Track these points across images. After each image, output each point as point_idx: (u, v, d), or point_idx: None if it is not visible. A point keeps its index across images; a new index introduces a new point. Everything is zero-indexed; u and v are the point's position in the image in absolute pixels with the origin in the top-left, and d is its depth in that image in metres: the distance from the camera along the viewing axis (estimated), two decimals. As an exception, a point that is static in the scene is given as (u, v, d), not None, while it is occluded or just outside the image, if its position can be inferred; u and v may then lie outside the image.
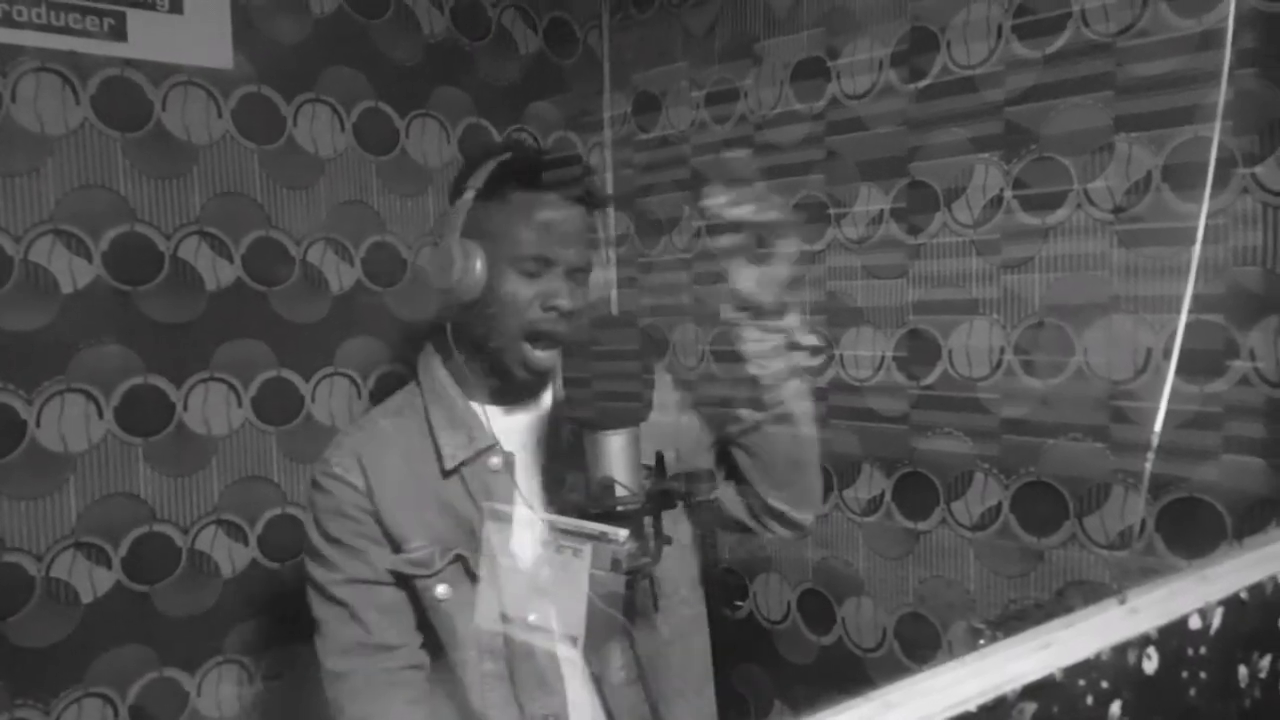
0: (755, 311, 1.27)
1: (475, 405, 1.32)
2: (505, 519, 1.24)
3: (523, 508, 1.26)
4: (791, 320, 1.28)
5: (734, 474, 1.40)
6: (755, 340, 1.28)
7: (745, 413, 1.34)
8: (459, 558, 1.27)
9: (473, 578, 1.26)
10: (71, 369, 1.68)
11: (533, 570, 1.24)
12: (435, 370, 1.35)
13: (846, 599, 1.99)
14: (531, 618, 1.23)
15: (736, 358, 1.30)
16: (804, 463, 1.39)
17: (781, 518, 1.40)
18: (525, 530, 1.24)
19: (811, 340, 1.29)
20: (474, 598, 1.26)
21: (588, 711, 1.31)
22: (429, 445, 1.30)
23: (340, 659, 1.27)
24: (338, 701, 1.27)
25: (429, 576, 1.27)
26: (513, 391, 1.33)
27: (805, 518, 1.42)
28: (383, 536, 1.28)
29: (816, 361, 1.32)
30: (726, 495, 1.41)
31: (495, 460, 1.29)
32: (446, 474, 1.29)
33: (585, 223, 1.29)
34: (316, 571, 1.30)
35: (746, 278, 1.26)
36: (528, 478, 1.31)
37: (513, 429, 1.33)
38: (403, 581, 1.28)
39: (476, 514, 1.28)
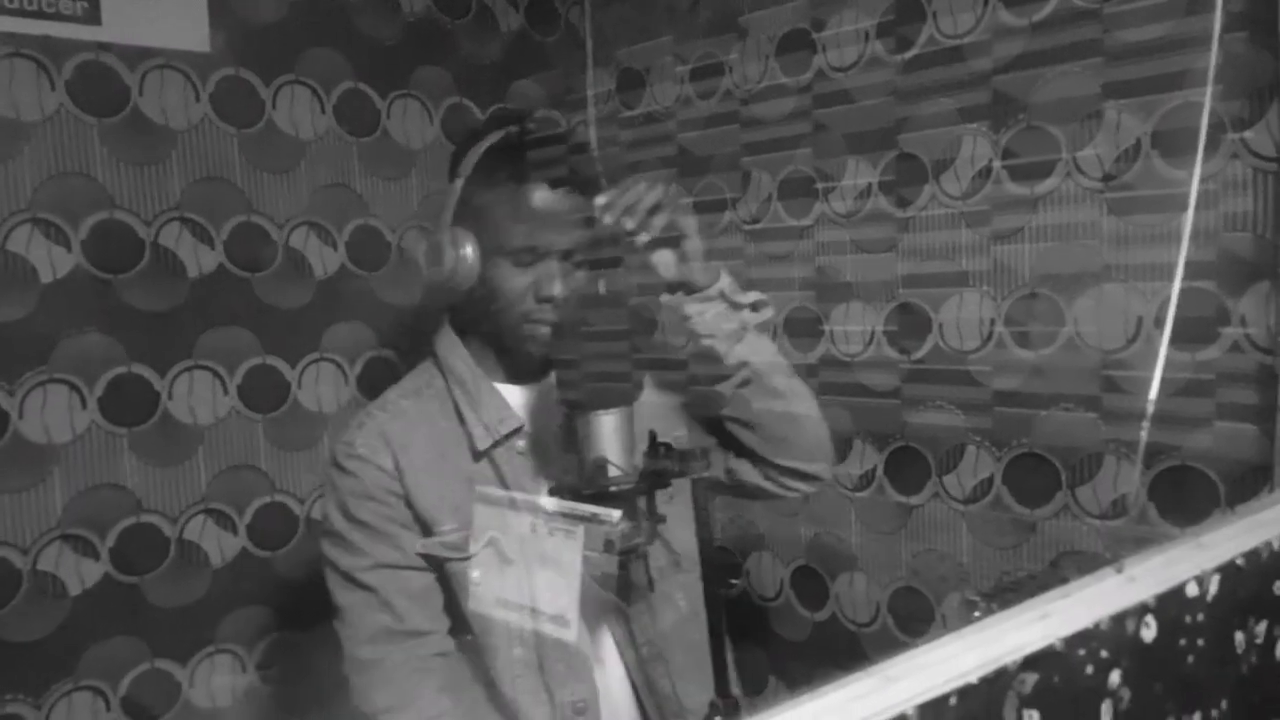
0: (687, 288, 1.27)
1: (496, 385, 1.32)
2: (531, 501, 1.24)
3: (544, 488, 1.26)
4: (724, 284, 1.28)
5: (739, 448, 1.39)
6: (697, 314, 1.27)
7: (721, 386, 1.33)
8: (492, 540, 1.25)
9: (505, 561, 1.25)
10: (53, 359, 1.67)
11: (537, 553, 1.23)
12: (455, 349, 1.33)
13: (839, 574, 1.99)
14: (538, 602, 1.22)
15: (691, 338, 1.30)
16: (795, 414, 1.37)
17: (796, 474, 1.38)
18: (540, 511, 1.24)
19: (751, 296, 1.29)
20: (506, 581, 1.24)
21: (618, 696, 1.31)
22: (456, 426, 1.29)
23: (368, 646, 1.25)
24: (365, 690, 1.25)
25: (464, 560, 1.24)
26: (522, 370, 1.33)
27: (819, 468, 1.40)
28: (412, 520, 1.26)
29: (765, 315, 1.31)
30: (741, 467, 1.39)
31: (521, 442, 1.29)
32: (476, 456, 1.28)
33: (577, 206, 1.27)
34: (340, 557, 1.27)
35: (666, 262, 1.26)
36: (545, 457, 1.30)
37: (525, 407, 1.32)
38: (432, 565, 1.26)
39: (505, 495, 1.27)
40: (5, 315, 1.62)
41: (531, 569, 1.21)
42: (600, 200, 1.19)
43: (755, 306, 1.30)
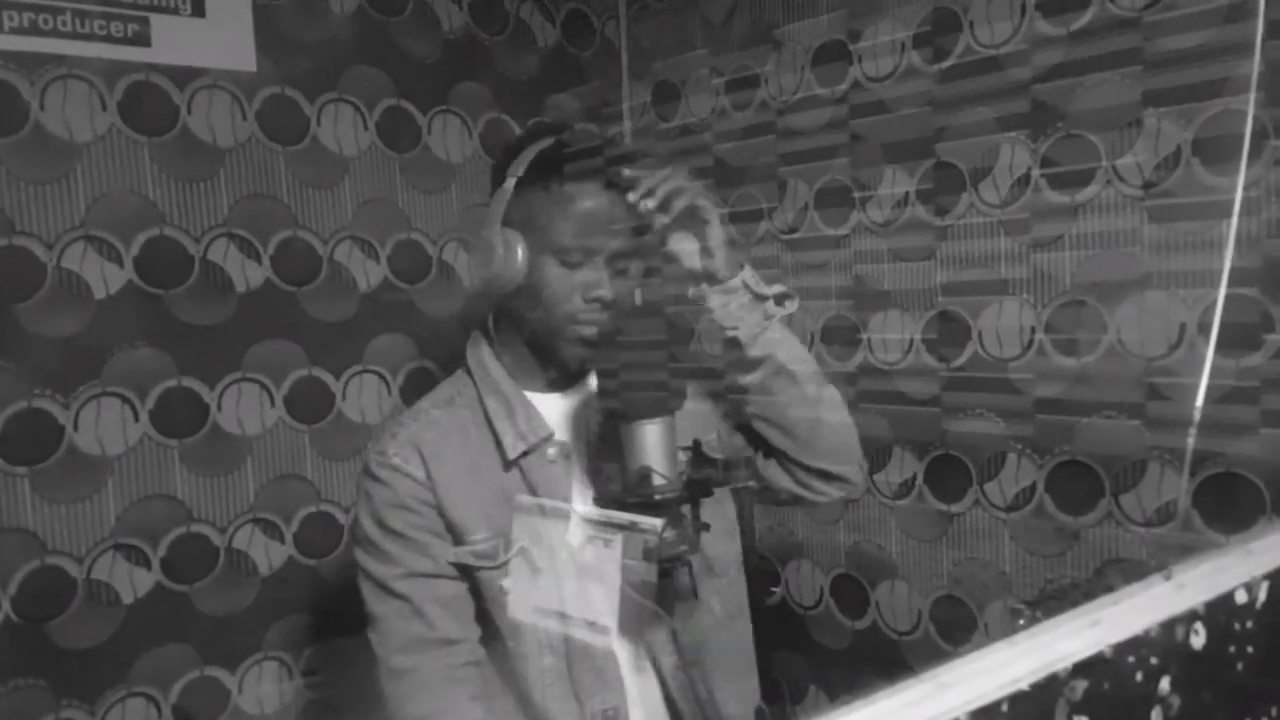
0: (710, 279, 1.28)
1: (527, 393, 1.31)
2: (563, 509, 1.24)
3: (578, 497, 1.26)
4: (746, 275, 1.28)
5: (769, 449, 1.38)
6: (721, 305, 1.28)
7: (745, 380, 1.32)
8: (523, 549, 1.25)
9: (535, 569, 1.25)
10: (106, 373, 1.70)
11: (571, 562, 1.23)
12: (485, 359, 1.33)
13: (880, 583, 1.99)
14: (572, 611, 1.22)
15: (715, 330, 1.31)
16: (820, 413, 1.35)
17: (825, 476, 1.36)
18: (577, 520, 1.24)
19: (775, 289, 1.29)
20: (537, 590, 1.24)
21: (648, 704, 1.31)
22: (487, 436, 1.29)
23: (400, 655, 1.24)
24: (398, 699, 1.24)
25: (494, 569, 1.24)
26: (558, 378, 1.33)
27: (847, 470, 1.37)
28: (444, 529, 1.26)
29: (790, 309, 1.31)
30: (769, 469, 1.38)
31: (553, 450, 1.29)
32: (508, 465, 1.27)
33: (628, 210, 1.26)
34: (373, 566, 1.26)
35: (689, 252, 1.28)
36: (579, 466, 1.31)
37: (560, 416, 1.32)
38: (464, 574, 1.26)
39: (537, 505, 1.27)
40: (60, 330, 1.66)
41: (564, 578, 1.21)
42: (628, 173, 1.22)
43: (779, 299, 1.29)
